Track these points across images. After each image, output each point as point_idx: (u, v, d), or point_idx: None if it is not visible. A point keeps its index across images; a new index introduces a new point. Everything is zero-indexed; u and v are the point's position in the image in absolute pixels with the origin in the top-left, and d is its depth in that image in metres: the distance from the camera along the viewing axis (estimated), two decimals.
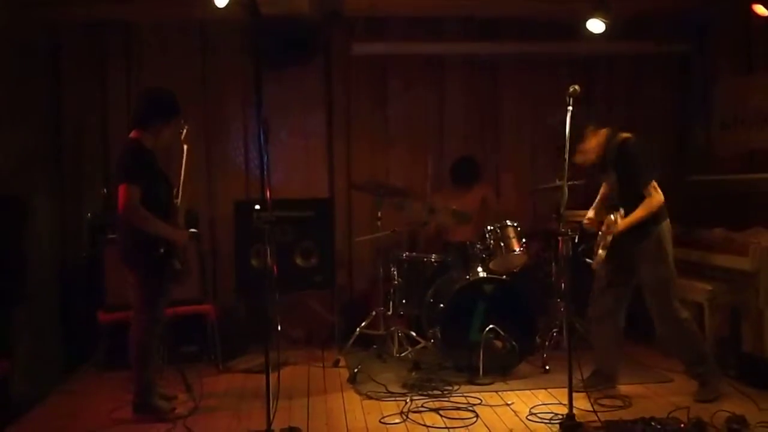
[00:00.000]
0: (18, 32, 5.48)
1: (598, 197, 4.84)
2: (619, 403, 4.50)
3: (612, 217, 4.43)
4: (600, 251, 4.50)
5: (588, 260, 4.62)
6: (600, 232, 4.54)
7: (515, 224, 5.52)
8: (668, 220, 4.55)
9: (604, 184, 4.80)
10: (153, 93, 4.51)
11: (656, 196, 4.41)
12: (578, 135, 4.41)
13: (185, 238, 4.48)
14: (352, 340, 5.69)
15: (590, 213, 4.75)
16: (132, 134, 4.35)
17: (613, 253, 4.50)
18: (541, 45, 6.63)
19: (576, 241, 4.26)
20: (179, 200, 4.50)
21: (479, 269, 5.40)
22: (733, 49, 6.29)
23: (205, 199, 6.43)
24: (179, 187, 4.50)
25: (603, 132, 4.56)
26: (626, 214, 4.43)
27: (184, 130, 4.54)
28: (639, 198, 4.42)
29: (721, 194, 6.03)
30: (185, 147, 4.57)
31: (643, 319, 4.77)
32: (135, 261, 4.34)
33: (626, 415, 4.24)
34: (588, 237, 4.73)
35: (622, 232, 4.41)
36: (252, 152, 6.54)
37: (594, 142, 4.55)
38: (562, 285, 5.42)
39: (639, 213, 4.41)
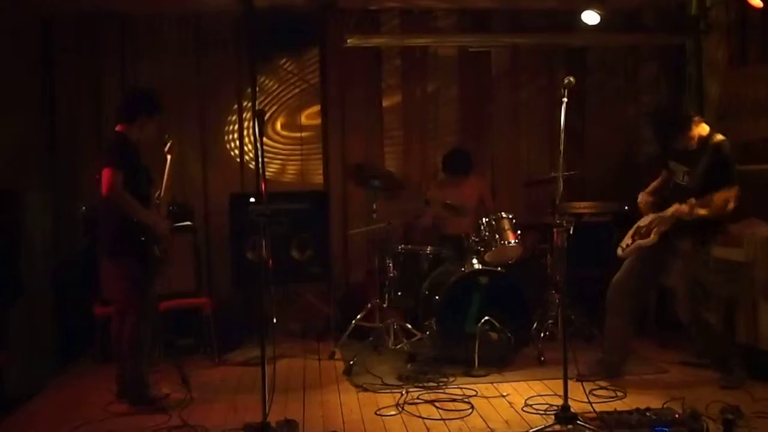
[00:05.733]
0: (11, 25, 5.45)
1: (657, 182, 4.81)
2: (614, 394, 4.51)
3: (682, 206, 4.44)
4: (652, 235, 4.54)
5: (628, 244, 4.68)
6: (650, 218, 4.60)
7: (510, 216, 5.52)
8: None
9: (664, 172, 4.77)
10: (137, 90, 4.98)
11: (731, 205, 4.38)
12: (685, 123, 4.49)
13: (165, 226, 4.55)
14: (347, 333, 5.70)
15: (645, 195, 4.75)
16: (117, 128, 4.54)
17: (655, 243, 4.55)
18: (535, 37, 6.63)
19: (571, 232, 4.23)
20: (160, 200, 4.66)
21: (474, 261, 5.40)
22: (729, 41, 6.28)
23: (200, 192, 6.42)
24: (161, 189, 4.66)
25: (706, 127, 4.57)
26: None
27: (168, 143, 4.76)
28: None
29: None
30: (169, 158, 4.76)
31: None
32: (119, 251, 4.40)
33: (621, 405, 4.24)
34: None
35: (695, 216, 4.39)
36: (247, 144, 6.53)
37: (697, 132, 4.54)
38: (558, 277, 5.44)
39: (715, 210, 4.38)
